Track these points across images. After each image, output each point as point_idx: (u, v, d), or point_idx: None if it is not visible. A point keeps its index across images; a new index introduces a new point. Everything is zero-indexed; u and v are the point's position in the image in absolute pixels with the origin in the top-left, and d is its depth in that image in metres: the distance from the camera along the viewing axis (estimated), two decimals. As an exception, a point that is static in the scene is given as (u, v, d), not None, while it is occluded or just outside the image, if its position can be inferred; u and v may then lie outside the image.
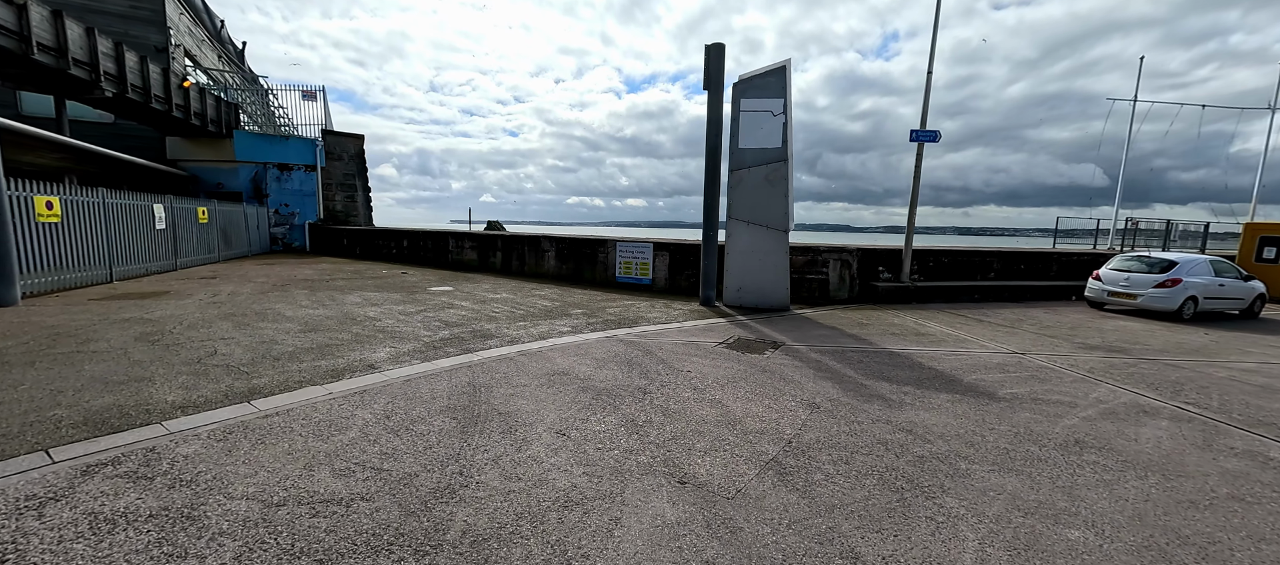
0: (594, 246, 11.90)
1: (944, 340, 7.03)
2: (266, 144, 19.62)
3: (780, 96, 8.91)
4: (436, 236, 15.45)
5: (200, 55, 22.18)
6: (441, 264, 15.21)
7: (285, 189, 19.92)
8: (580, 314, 7.97)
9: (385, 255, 16.91)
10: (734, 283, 9.35)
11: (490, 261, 14.12)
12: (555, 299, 9.38)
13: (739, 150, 9.17)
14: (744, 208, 9.20)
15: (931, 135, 10.46)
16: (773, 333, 7.10)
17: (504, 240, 13.78)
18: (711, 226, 9.24)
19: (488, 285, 10.98)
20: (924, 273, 11.51)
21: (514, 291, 10.16)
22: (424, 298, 9.06)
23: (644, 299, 9.77)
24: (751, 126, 9.08)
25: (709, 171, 9.16)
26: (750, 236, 9.21)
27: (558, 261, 12.61)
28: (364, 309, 7.74)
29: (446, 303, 8.58)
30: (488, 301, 8.87)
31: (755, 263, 9.22)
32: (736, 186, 9.23)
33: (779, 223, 9.03)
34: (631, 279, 11.33)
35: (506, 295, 9.64)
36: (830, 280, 10.58)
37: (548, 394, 4.23)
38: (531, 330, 6.66)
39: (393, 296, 9.10)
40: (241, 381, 4.28)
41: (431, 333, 6.29)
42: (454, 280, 11.72)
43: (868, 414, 4.07)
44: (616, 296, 9.94)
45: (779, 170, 8.98)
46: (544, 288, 10.82)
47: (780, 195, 9.01)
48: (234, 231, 16.14)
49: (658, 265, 11.06)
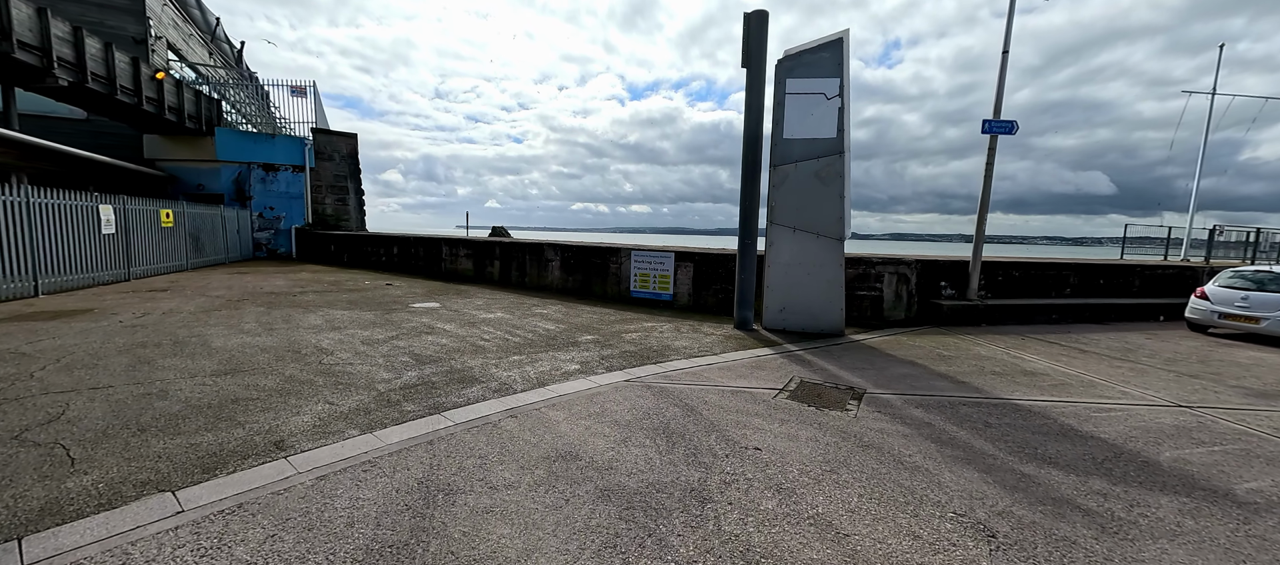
0: (604, 256, 10.31)
1: (1066, 384, 5.35)
2: (251, 143, 18.22)
3: (835, 75, 7.31)
4: (429, 243, 13.93)
5: (186, 50, 20.90)
6: (434, 273, 13.66)
7: (271, 191, 18.50)
8: (591, 342, 6.35)
9: (374, 263, 15.41)
10: (776, 301, 7.71)
11: (487, 272, 12.56)
12: (559, 320, 7.78)
13: (784, 141, 7.56)
14: (789, 211, 7.58)
15: (1007, 126, 8.81)
16: (842, 372, 5.45)
17: (503, 249, 12.23)
18: (749, 233, 7.62)
19: (481, 301, 9.40)
20: (991, 288, 9.82)
21: (511, 309, 8.57)
22: (402, 318, 7.48)
23: (665, 319, 8.15)
24: (799, 112, 7.47)
25: (747, 167, 7.54)
26: (797, 246, 7.58)
27: (563, 273, 11.02)
28: (319, 337, 6.16)
29: (426, 326, 6.99)
30: (478, 324, 7.27)
31: (802, 278, 7.58)
32: (780, 185, 7.61)
33: (832, 229, 7.41)
34: (648, 294, 9.72)
35: (501, 315, 8.04)
36: (885, 297, 8.92)
37: (546, 510, 2.60)
38: (528, 369, 5.05)
39: (364, 317, 7.52)
40: (34, 487, 2.67)
41: (393, 375, 4.69)
42: (443, 294, 10.14)
43: (1085, 551, 2.42)
44: (632, 316, 8.32)
45: (833, 165, 7.36)
46: (547, 304, 9.23)
47: (834, 196, 7.38)
48: (208, 236, 14.69)
49: (680, 278, 9.44)
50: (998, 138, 8.92)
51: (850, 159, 7.43)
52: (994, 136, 8.90)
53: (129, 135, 17.59)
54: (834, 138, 7.36)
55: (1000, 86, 8.84)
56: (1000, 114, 8.85)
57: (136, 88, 14.27)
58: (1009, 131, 8.82)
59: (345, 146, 20.17)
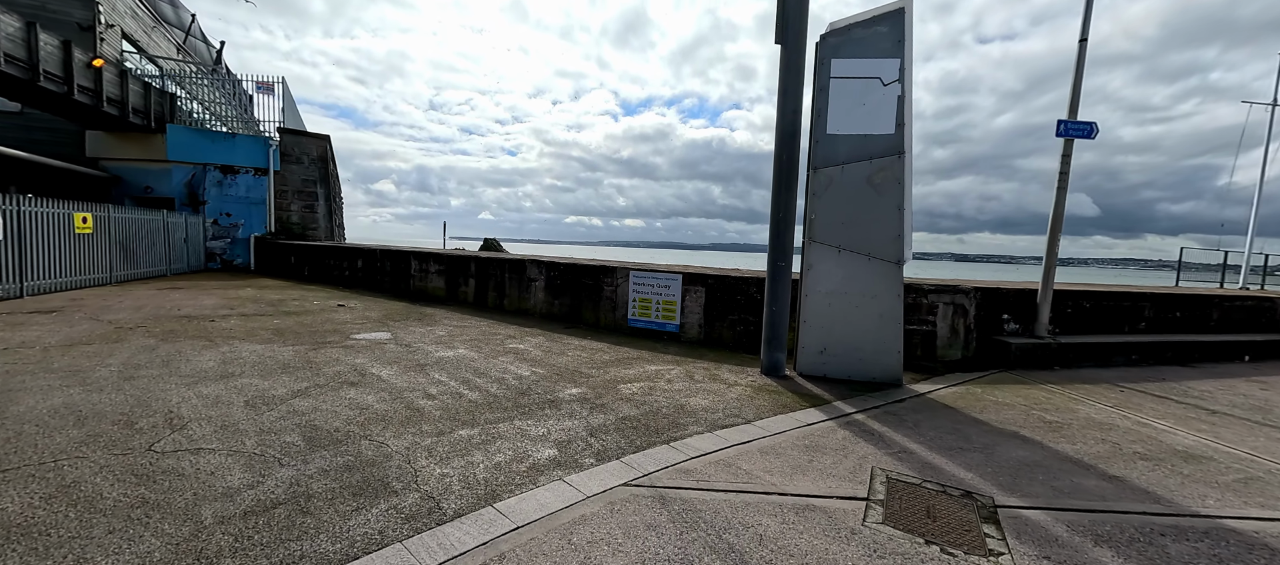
0: (597, 276, 8.63)
1: (1252, 474, 3.71)
2: (207, 142, 16.46)
3: (895, 54, 5.75)
4: (397, 257, 12.19)
5: (147, 42, 19.16)
6: (400, 292, 11.90)
7: (228, 195, 16.70)
8: (576, 400, 4.64)
9: (336, 278, 13.63)
10: (815, 340, 6.05)
11: (460, 293, 10.82)
12: (538, 360, 6.05)
13: (827, 138, 5.97)
14: (833, 226, 5.96)
15: (1084, 129, 7.29)
16: (935, 456, 3.78)
17: (479, 265, 10.51)
18: (782, 252, 5.98)
19: (445, 330, 7.66)
20: (1057, 321, 8.24)
21: (479, 344, 6.84)
22: (329, 358, 5.73)
23: (672, 359, 6.45)
24: (847, 102, 5.90)
25: (780, 170, 5.92)
26: (842, 270, 5.95)
27: (548, 296, 9.31)
28: (191, 391, 4.39)
29: (356, 373, 5.24)
30: (429, 367, 5.53)
31: (849, 311, 5.94)
32: (822, 194, 6.00)
33: (888, 250, 5.80)
34: (649, 324, 8.03)
35: (463, 353, 6.30)
36: (938, 333, 7.30)
37: None
38: (475, 460, 3.33)
39: (279, 356, 5.76)
40: None
41: (252, 479, 2.94)
42: (402, 320, 8.40)
43: None
44: (631, 353, 6.62)
45: (890, 169, 5.78)
46: (526, 334, 7.51)
47: (891, 208, 5.79)
48: (144, 245, 12.84)
49: (688, 305, 7.77)
50: (1074, 144, 7.39)
51: (912, 161, 5.85)
52: (1069, 141, 7.37)
53: (68, 131, 15.78)
54: (891, 134, 5.78)
55: (1077, 81, 7.33)
56: (1077, 114, 7.34)
57: (66, 75, 12.51)
58: (1087, 135, 7.30)
59: (316, 149, 18.45)
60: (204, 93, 18.67)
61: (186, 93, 18.38)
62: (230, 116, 19.03)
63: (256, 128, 18.00)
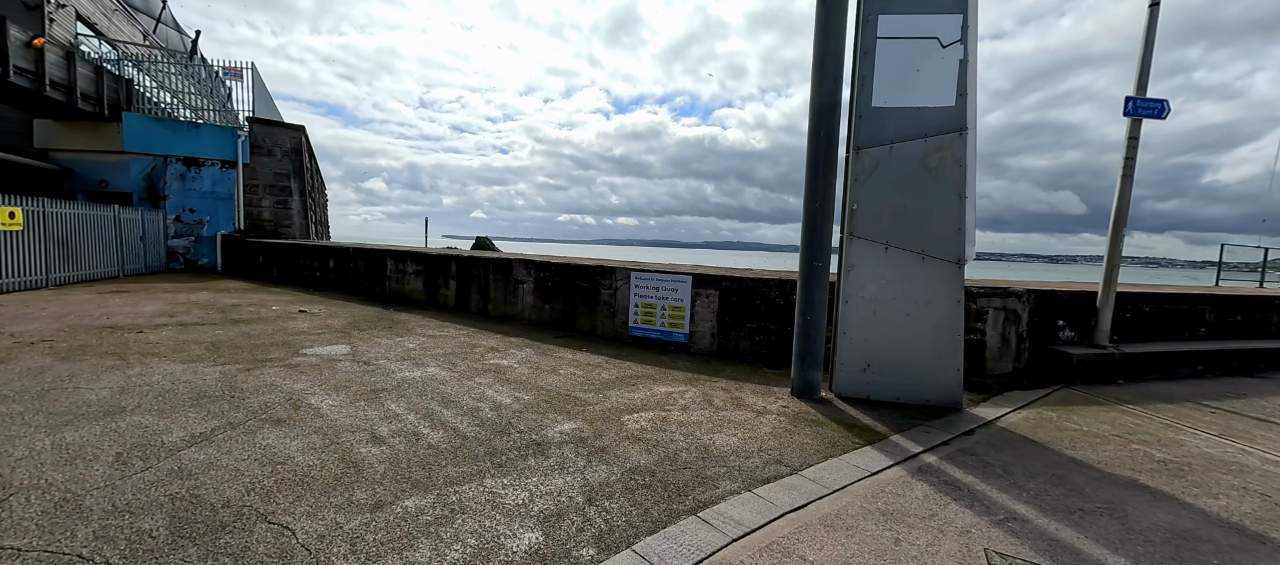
0: (594, 278, 7.57)
1: None
2: (168, 132, 15.19)
3: (956, 10, 4.74)
4: (371, 256, 11.06)
5: (107, 26, 17.77)
6: (374, 295, 10.78)
7: (192, 190, 15.45)
8: (567, 441, 3.59)
9: (307, 279, 12.46)
10: (857, 355, 5.03)
11: (440, 296, 9.72)
12: (522, 383, 4.99)
13: (872, 112, 4.95)
14: (879, 219, 4.94)
15: (1156, 107, 6.33)
16: (1054, 525, 2.78)
17: (460, 265, 9.42)
18: (818, 250, 4.94)
19: (417, 342, 6.57)
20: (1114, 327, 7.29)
21: (452, 360, 5.76)
22: (261, 381, 4.64)
23: (683, 377, 5.42)
24: (897, 66, 4.88)
25: (816, 150, 4.89)
26: (890, 272, 4.94)
27: (538, 300, 8.24)
28: (49, 437, 3.29)
29: (289, 404, 4.15)
30: (383, 395, 4.46)
31: (899, 320, 4.93)
32: (865, 179, 4.99)
33: (946, 247, 4.80)
34: (654, 332, 6.99)
35: (433, 372, 5.23)
36: (988, 342, 6.33)
37: None
38: (422, 554, 2.28)
39: (201, 380, 4.66)
40: None
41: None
42: (369, 329, 7.30)
43: None
44: (634, 370, 5.58)
45: (950, 149, 4.78)
46: (511, 346, 6.45)
47: (950, 196, 4.79)
48: (91, 244, 11.60)
49: (699, 312, 6.74)
50: (1141, 124, 6.43)
51: (976, 139, 4.85)
52: (1136, 122, 6.41)
53: (14, 120, 14.46)
54: (951, 106, 4.77)
55: (1146, 52, 6.36)
56: (1145, 90, 6.37)
57: (1, 56, 11.26)
58: (1158, 114, 6.35)
59: (289, 140, 17.22)
60: (171, 81, 17.31)
61: (155, 82, 17.02)
62: (205, 108, 17.72)
63: (233, 118, 16.70)
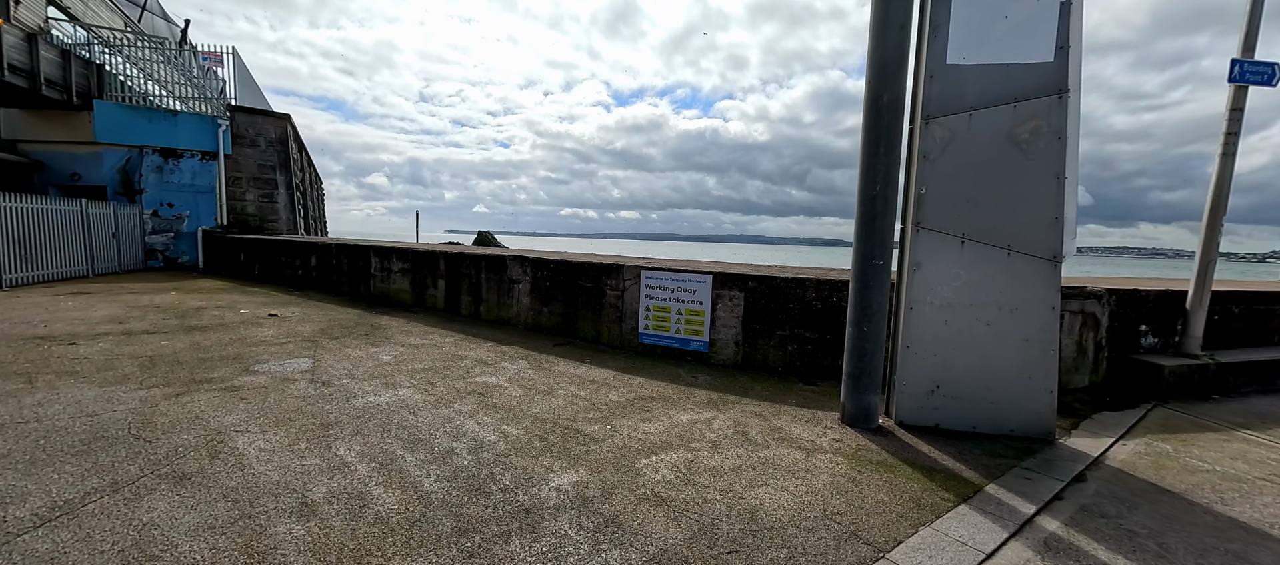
0: (598, 277, 6.63)
1: None
2: (142, 121, 14.26)
3: (1056, -61, 3.76)
4: (355, 253, 10.14)
5: (82, 10, 16.81)
6: (357, 295, 9.88)
7: (170, 182, 14.55)
8: (567, 504, 2.67)
9: (289, 277, 11.57)
10: (924, 373, 4.08)
11: (428, 296, 8.80)
12: (512, 410, 4.07)
13: (946, 71, 3.97)
14: (953, 205, 3.99)
15: (1266, 71, 5.32)
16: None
17: (450, 262, 8.48)
18: (878, 245, 3.98)
19: (393, 353, 5.66)
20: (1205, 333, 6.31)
21: (429, 379, 4.84)
22: (186, 413, 3.73)
23: (708, 400, 4.48)
24: (980, 13, 3.90)
25: (875, 121, 3.91)
26: (967, 272, 3.99)
27: (535, 301, 7.31)
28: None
29: (207, 448, 3.24)
30: (333, 431, 3.54)
31: (977, 330, 3.98)
32: (936, 156, 4.02)
33: (1039, 240, 3.85)
34: (668, 340, 6.05)
35: (405, 395, 4.31)
36: (1062, 352, 5.37)
37: None
38: None
39: (108, 413, 3.75)
40: None
41: None
42: (340, 338, 6.39)
43: None
44: (647, 391, 4.65)
45: (1046, 117, 3.81)
46: (502, 359, 5.53)
47: (1045, 175, 3.83)
48: (54, 241, 10.72)
49: (721, 317, 5.79)
50: (1247, 93, 5.42)
51: (1080, 104, 3.87)
52: (1242, 90, 5.40)
53: (-22, 108, 13.57)
54: (1049, 62, 3.80)
55: (1255, 10, 5.34)
56: (1253, 52, 5.36)
57: (-50, 35, 10.34)
58: (1269, 81, 5.34)
59: (274, 130, 16.29)
60: (152, 68, 16.30)
61: (136, 68, 16.02)
62: (188, 97, 16.74)
63: (215, 107, 15.74)
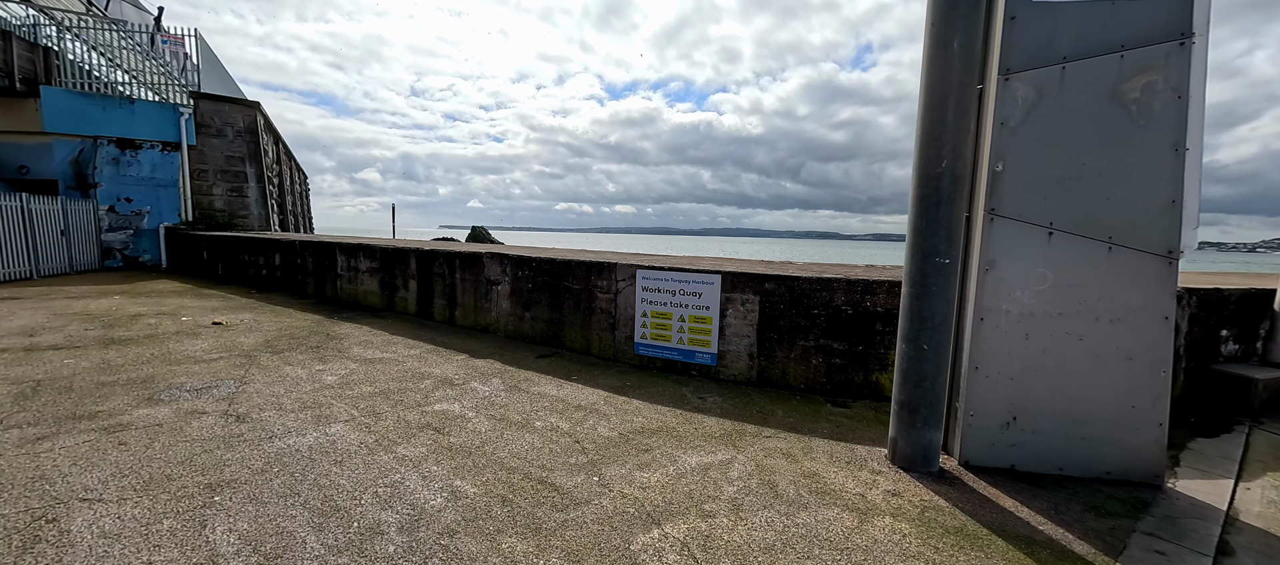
0: (587, 277, 5.73)
1: None
2: (96, 109, 13.18)
3: None
4: (320, 250, 9.19)
5: (35, -8, 15.62)
6: (323, 298, 8.94)
7: (128, 176, 13.49)
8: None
9: (253, 277, 10.60)
10: (999, 400, 3.22)
11: (397, 299, 7.87)
12: (472, 452, 3.18)
13: (1033, 10, 3.07)
14: (1039, 186, 3.11)
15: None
16: None
17: (422, 261, 7.54)
18: (942, 239, 3.09)
19: (340, 372, 4.74)
20: (1273, 335, 5.51)
21: (376, 407, 3.94)
22: (35, 466, 2.81)
23: (720, 431, 3.60)
24: (1074, -64, 3.01)
25: (942, 73, 3.01)
26: (1056, 270, 3.12)
27: (516, 305, 6.40)
28: None
29: (20, 539, 2.34)
30: (216, 497, 2.63)
31: (1067, 346, 3.12)
32: (1019, 122, 3.13)
33: (1150, 232, 2.98)
34: (669, 352, 5.16)
35: (340, 431, 3.40)
36: (1135, 363, 4.52)
37: None
38: None
39: (-56, 460, 2.84)
40: None
41: None
42: (284, 352, 5.47)
43: None
44: (646, 419, 3.77)
45: (1164, 68, 2.93)
46: (473, 374, 4.63)
47: (1161, 146, 2.95)
48: (-13, 240, 9.71)
49: (732, 323, 4.90)
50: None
51: (1207, 53, 2.99)
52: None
53: (-86, 96, 12.45)
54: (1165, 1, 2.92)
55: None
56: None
57: None
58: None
59: (243, 119, 15.23)
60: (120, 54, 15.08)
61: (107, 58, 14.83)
62: (153, 82, 15.60)
63: (183, 95, 14.62)
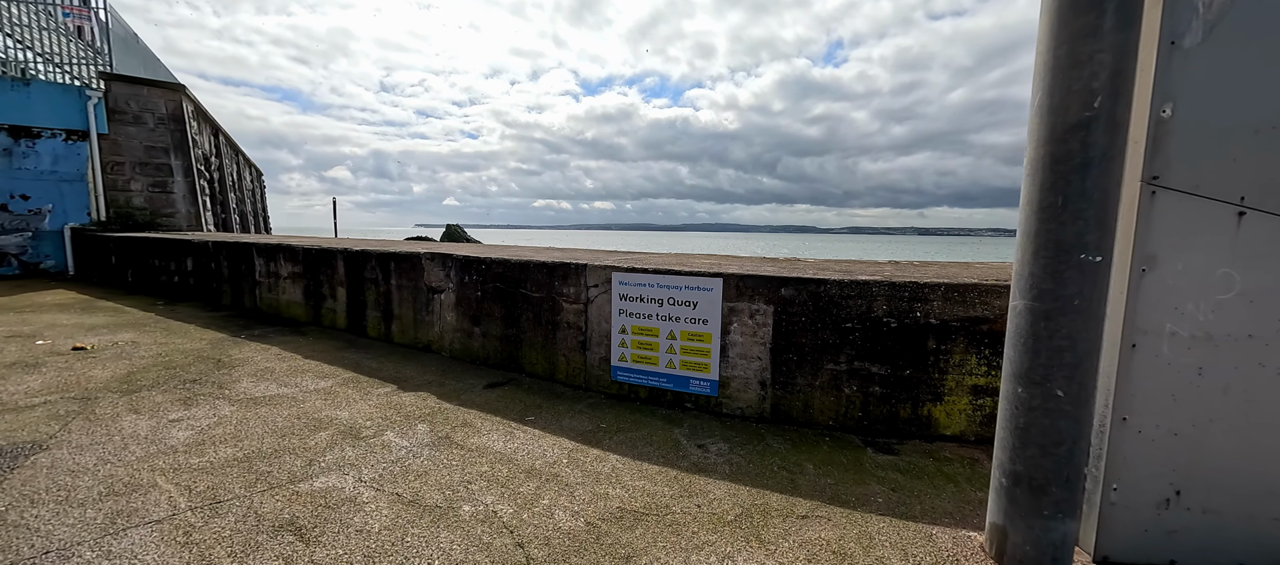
0: (549, 283, 4.52)
1: None
2: (-19, 91, 11.33)
3: None
4: (236, 253, 7.75)
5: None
6: (239, 308, 7.52)
7: (23, 169, 11.67)
8: None
9: (164, 284, 9.07)
10: (1159, 464, 2.14)
11: (324, 310, 6.53)
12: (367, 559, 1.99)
13: None
14: (1227, 142, 1.98)
15: None
16: None
17: (350, 263, 6.21)
18: (1087, 222, 1.97)
19: (208, 419, 3.44)
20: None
21: (216, 495, 2.66)
22: None
23: (733, 510, 2.46)
24: None
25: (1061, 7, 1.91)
26: (1246, 270, 2.04)
27: (463, 318, 5.15)
28: None
29: None
30: None
31: (1260, 380, 2.06)
32: (1194, 44, 2.01)
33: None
34: (655, 378, 4.01)
35: (139, 541, 2.16)
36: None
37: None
38: None
39: None
40: None
41: None
42: (147, 391, 4.12)
43: None
44: (623, 486, 2.60)
45: None
46: (393, 414, 3.40)
47: None
48: None
49: (737, 340, 3.77)
50: None
51: None
52: None
53: None
54: None
55: None
56: None
57: None
58: None
59: (166, 104, 13.46)
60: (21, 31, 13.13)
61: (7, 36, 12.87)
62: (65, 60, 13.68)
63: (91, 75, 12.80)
